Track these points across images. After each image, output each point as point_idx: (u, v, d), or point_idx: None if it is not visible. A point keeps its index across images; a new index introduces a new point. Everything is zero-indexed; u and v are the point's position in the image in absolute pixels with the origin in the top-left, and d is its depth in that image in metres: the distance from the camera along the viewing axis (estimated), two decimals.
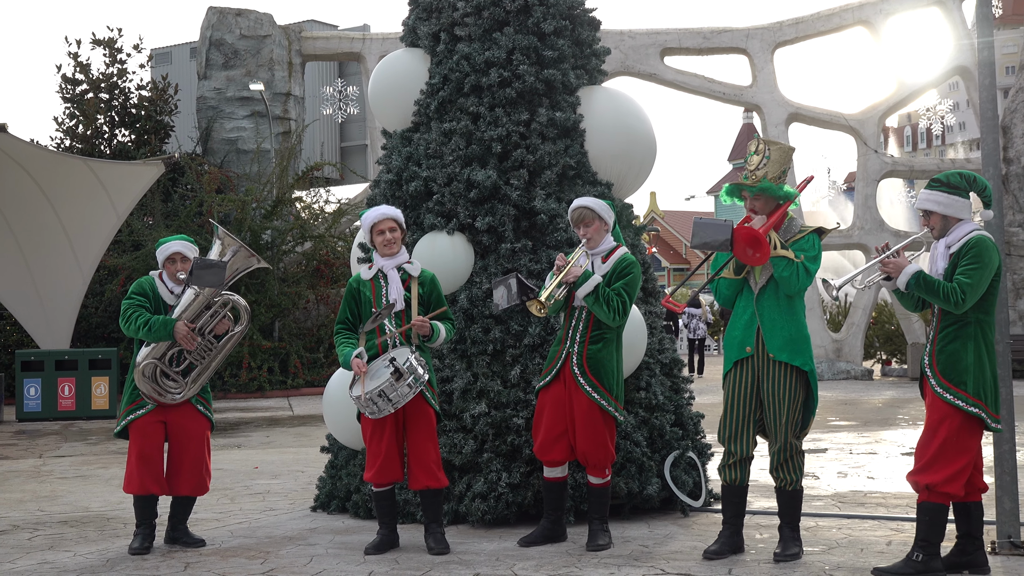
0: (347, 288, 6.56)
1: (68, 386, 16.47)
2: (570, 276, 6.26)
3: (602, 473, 6.41)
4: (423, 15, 7.93)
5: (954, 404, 5.40)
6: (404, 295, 6.40)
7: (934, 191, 5.58)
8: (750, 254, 5.76)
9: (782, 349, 5.90)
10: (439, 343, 6.47)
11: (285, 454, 11.49)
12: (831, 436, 12.19)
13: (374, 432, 6.34)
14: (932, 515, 5.43)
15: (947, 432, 5.40)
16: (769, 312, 5.95)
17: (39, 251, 17.65)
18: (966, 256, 5.42)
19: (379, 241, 6.47)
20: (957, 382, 5.43)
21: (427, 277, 6.53)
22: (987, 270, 5.41)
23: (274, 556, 6.32)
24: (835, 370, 22.67)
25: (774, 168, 5.98)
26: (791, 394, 5.89)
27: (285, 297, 21.35)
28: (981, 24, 6.48)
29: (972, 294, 5.38)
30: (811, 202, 54.78)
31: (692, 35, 23.94)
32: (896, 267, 5.50)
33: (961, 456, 5.41)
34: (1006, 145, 23.78)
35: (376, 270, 6.48)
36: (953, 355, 5.46)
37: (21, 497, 8.82)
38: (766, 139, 6.07)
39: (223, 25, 24.11)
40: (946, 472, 5.38)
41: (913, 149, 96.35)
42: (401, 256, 6.51)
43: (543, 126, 7.47)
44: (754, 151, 6.04)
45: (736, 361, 6.02)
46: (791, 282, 5.86)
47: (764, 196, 5.99)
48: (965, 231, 5.52)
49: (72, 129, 23.55)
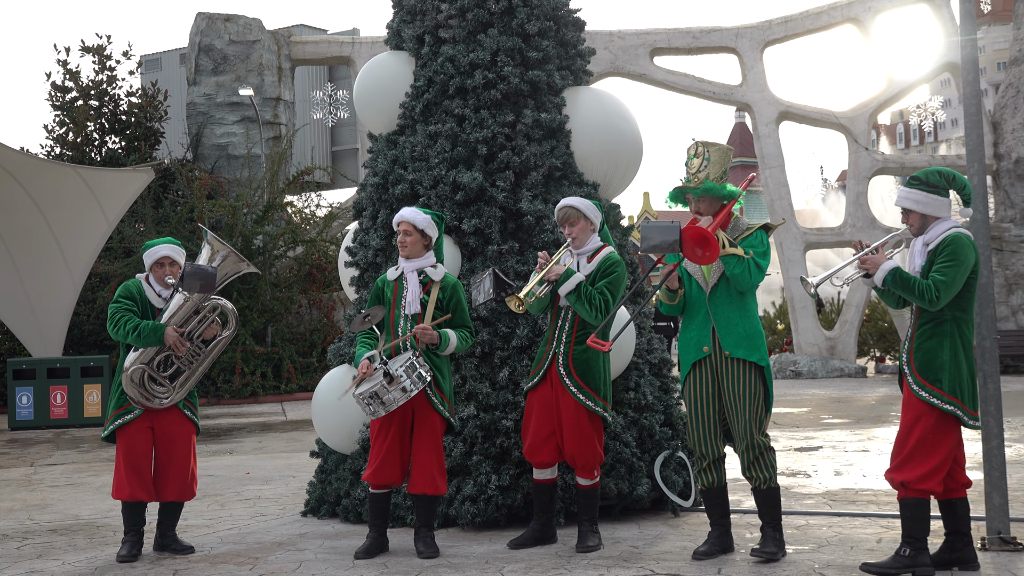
0: (373, 287, 6.58)
1: (60, 394, 16.44)
2: (551, 274, 6.25)
3: (590, 474, 6.40)
4: (407, 18, 7.92)
5: (929, 402, 5.40)
6: (422, 298, 6.38)
7: (913, 189, 5.58)
8: (699, 253, 5.72)
9: (738, 346, 5.90)
10: (450, 350, 6.40)
11: (277, 459, 11.47)
12: (824, 434, 12.19)
13: (379, 431, 6.34)
14: (913, 511, 5.43)
15: (922, 430, 5.40)
16: (723, 310, 5.95)
17: (30, 259, 17.63)
18: (942, 254, 5.43)
19: (397, 241, 6.49)
20: (932, 380, 5.42)
21: (449, 283, 6.46)
22: (962, 268, 5.40)
23: (263, 562, 6.30)
24: (828, 368, 22.67)
25: (715, 169, 6.00)
26: (751, 391, 5.88)
27: (277, 302, 21.35)
28: (965, 21, 6.47)
29: (947, 292, 5.37)
30: (804, 200, 54.95)
31: (681, 35, 23.96)
32: (874, 263, 5.51)
33: (936, 453, 5.41)
34: (996, 141, 23.81)
35: (400, 271, 6.49)
36: (929, 352, 5.46)
37: (11, 506, 8.79)
38: (703, 141, 6.08)
39: (212, 31, 24.09)
40: (921, 469, 5.38)
41: (906, 146, 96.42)
42: (425, 260, 6.46)
43: (528, 127, 7.46)
44: (694, 154, 6.06)
45: (693, 363, 6.02)
46: (743, 279, 5.86)
47: (708, 197, 6.00)
48: (943, 228, 5.52)
49: (62, 137, 23.53)
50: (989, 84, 71.92)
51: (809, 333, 23.17)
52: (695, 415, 6.03)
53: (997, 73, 73.38)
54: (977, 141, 6.22)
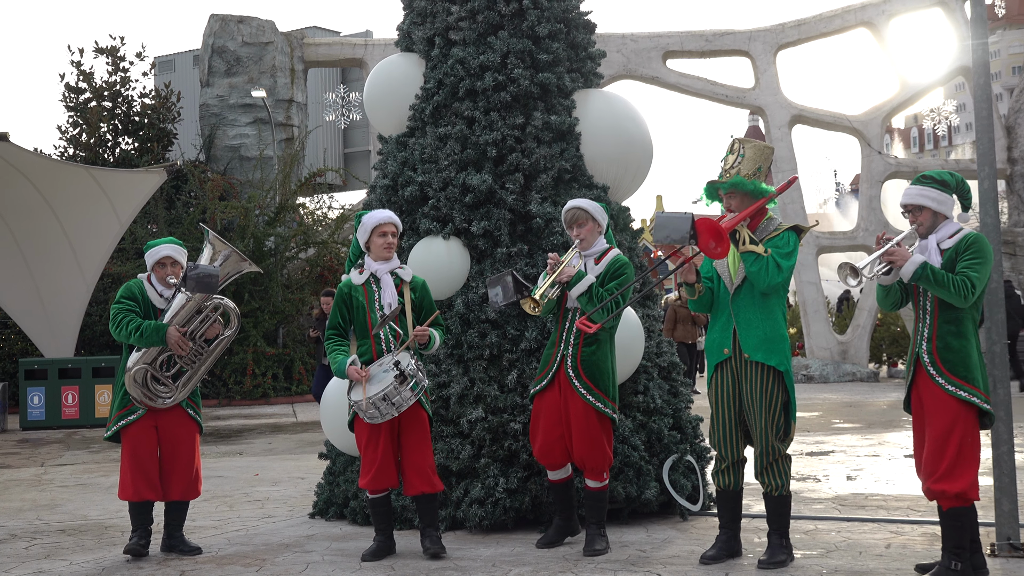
0: (337, 293, 6.52)
1: (72, 394, 16.48)
2: (563, 276, 6.26)
3: (600, 477, 6.38)
4: (418, 20, 7.92)
5: (969, 401, 5.33)
6: (399, 300, 6.39)
7: (927, 187, 5.52)
8: (712, 246, 5.64)
9: (757, 349, 5.83)
10: (434, 350, 6.47)
11: (286, 461, 11.47)
12: (835, 438, 12.14)
13: (370, 439, 6.32)
14: (962, 520, 5.32)
15: (961, 434, 5.30)
16: (744, 312, 5.89)
17: (42, 260, 17.67)
18: (967, 252, 5.38)
19: (380, 243, 6.44)
20: (969, 379, 5.35)
21: (418, 283, 6.54)
22: (988, 266, 5.40)
23: (270, 563, 6.30)
24: (840, 372, 22.58)
25: (748, 166, 5.93)
26: (769, 395, 5.82)
27: (289, 304, 21.35)
28: (976, 24, 6.44)
29: (979, 288, 5.35)
30: (817, 204, 54.82)
31: (694, 38, 23.91)
32: (902, 257, 5.38)
33: (976, 456, 5.36)
34: (1010, 145, 23.71)
35: (368, 274, 6.46)
36: (961, 352, 5.38)
37: (20, 506, 8.81)
38: (742, 139, 6.04)
39: (225, 32, 24.13)
40: (969, 477, 5.29)
41: (920, 150, 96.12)
42: (395, 261, 6.51)
43: (538, 130, 7.44)
44: (729, 151, 6.02)
45: (717, 364, 5.99)
46: (760, 277, 5.77)
47: (737, 193, 5.94)
48: (954, 228, 5.49)
49: (76, 138, 23.58)
50: (1004, 88, 71.65)
51: (821, 337, 23.08)
52: (716, 417, 6.00)
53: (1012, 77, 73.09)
54: (988, 145, 6.19)
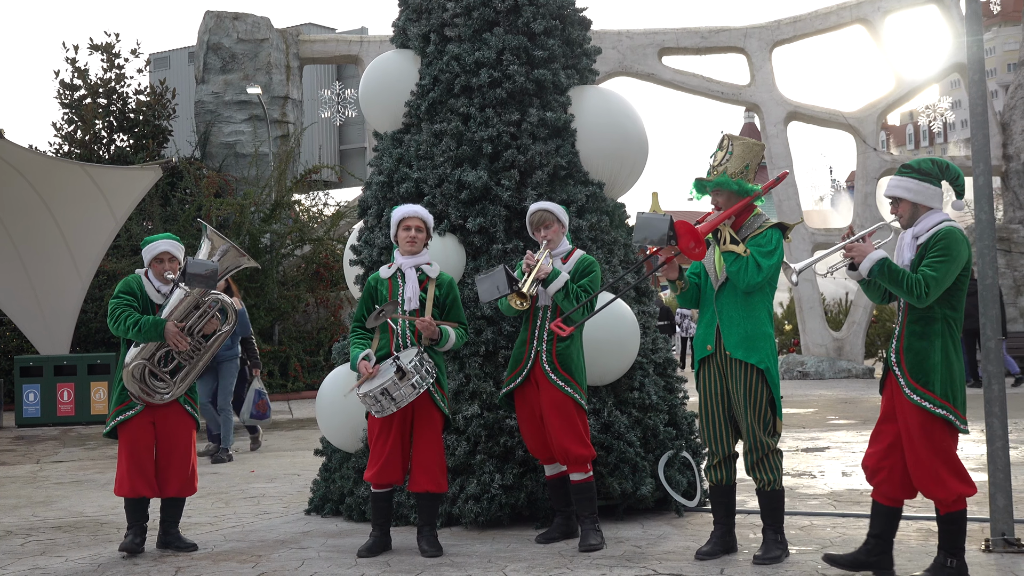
0: (365, 286, 6.58)
1: (67, 391, 16.45)
2: (542, 273, 6.35)
3: (584, 468, 6.40)
4: (413, 16, 7.92)
5: (920, 406, 5.20)
6: (420, 295, 6.39)
7: (904, 177, 5.39)
8: (691, 247, 5.65)
9: (737, 346, 5.84)
10: (448, 347, 6.45)
11: (282, 457, 11.47)
12: (830, 435, 12.16)
13: (380, 432, 6.33)
14: (959, 523, 5.30)
15: (929, 438, 5.21)
16: (727, 309, 5.91)
17: (38, 257, 17.63)
18: (934, 248, 5.21)
19: (403, 237, 6.48)
20: (924, 382, 5.24)
21: (445, 280, 6.53)
22: (955, 264, 5.19)
23: (266, 560, 6.30)
24: (836, 369, 22.60)
25: (735, 163, 5.92)
26: (753, 392, 5.83)
27: (284, 300, 21.33)
28: (971, 21, 6.45)
29: (936, 288, 5.16)
30: (813, 201, 54.86)
31: (690, 35, 23.91)
32: (860, 252, 5.27)
33: (956, 456, 5.28)
34: (1005, 142, 23.74)
35: (395, 268, 6.48)
36: (920, 353, 5.26)
37: (16, 503, 8.80)
38: (732, 136, 6.03)
39: (220, 29, 24.10)
40: (959, 478, 5.23)
41: (915, 147, 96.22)
42: (422, 257, 6.51)
43: (534, 126, 7.45)
44: (719, 147, 6.02)
45: (701, 360, 6.02)
46: (740, 277, 5.78)
47: (722, 190, 5.95)
48: (934, 221, 5.31)
49: (71, 135, 23.53)
50: (999, 85, 71.77)
51: (816, 334, 23.10)
52: (704, 412, 6.02)
53: (1007, 74, 73.17)
54: (983, 141, 6.18)
